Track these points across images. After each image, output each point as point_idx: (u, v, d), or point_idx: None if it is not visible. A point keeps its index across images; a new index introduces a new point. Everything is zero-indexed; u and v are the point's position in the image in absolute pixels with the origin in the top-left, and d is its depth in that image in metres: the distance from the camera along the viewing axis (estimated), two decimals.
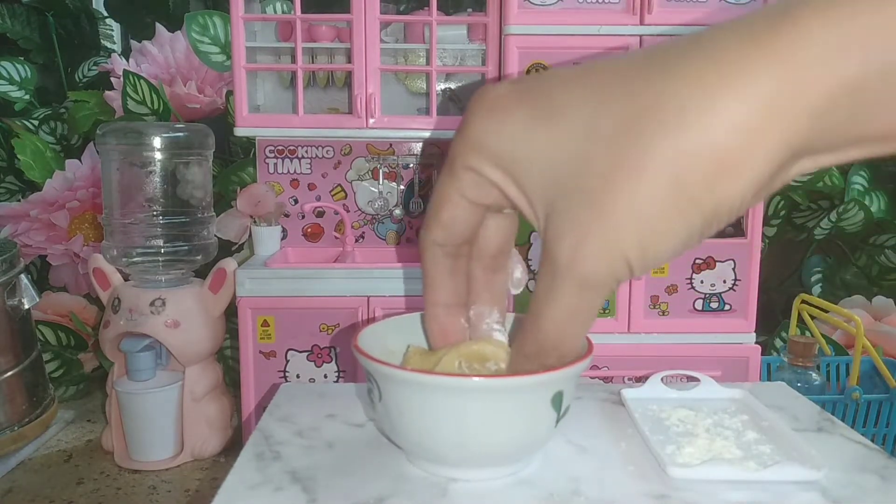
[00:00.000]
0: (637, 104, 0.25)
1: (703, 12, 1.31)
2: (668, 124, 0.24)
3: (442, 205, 0.32)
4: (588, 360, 0.40)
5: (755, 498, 0.41)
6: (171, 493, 1.47)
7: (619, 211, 0.25)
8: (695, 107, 0.23)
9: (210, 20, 1.88)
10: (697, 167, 0.24)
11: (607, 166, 0.25)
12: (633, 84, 0.25)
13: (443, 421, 0.39)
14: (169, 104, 1.91)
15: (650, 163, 0.24)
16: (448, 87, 1.69)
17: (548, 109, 0.27)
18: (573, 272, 0.27)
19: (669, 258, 0.26)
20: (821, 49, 0.22)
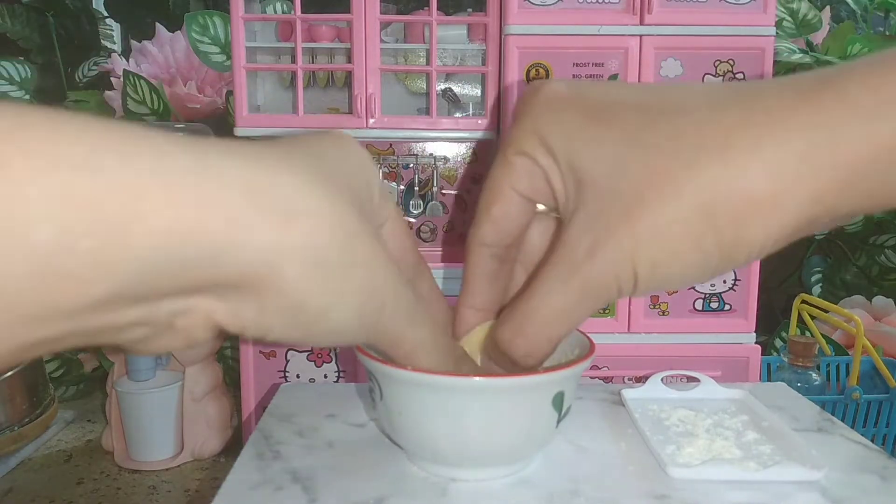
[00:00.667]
0: (683, 126, 0.25)
1: (703, 12, 1.31)
2: (710, 153, 0.24)
3: (493, 200, 0.32)
4: (589, 361, 0.40)
5: (755, 498, 0.41)
6: (171, 493, 1.47)
7: (643, 223, 0.25)
8: (738, 144, 0.24)
9: (210, 20, 1.88)
10: (729, 202, 0.24)
11: (642, 176, 0.25)
12: (684, 105, 0.25)
13: (442, 421, 0.38)
14: (169, 104, 1.91)
15: (684, 185, 0.25)
16: (448, 87, 1.69)
17: (600, 110, 0.27)
18: (582, 270, 0.27)
19: (675, 284, 0.27)
20: (859, 111, 0.22)
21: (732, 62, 1.32)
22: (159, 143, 0.18)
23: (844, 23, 1.98)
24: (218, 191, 0.19)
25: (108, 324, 0.19)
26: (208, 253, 0.19)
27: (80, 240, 0.16)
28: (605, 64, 1.32)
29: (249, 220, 0.19)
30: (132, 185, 0.17)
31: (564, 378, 0.39)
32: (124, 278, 0.17)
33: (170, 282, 0.19)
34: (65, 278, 0.16)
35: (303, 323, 0.22)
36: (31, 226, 0.16)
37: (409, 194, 1.73)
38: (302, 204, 0.21)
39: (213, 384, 1.62)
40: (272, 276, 0.20)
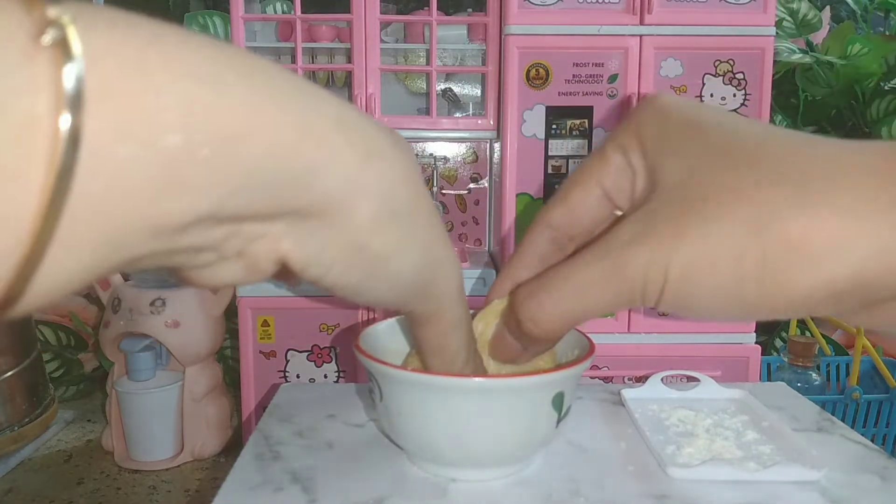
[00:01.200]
0: (766, 155, 0.25)
1: (703, 12, 1.31)
2: (782, 185, 0.24)
3: (574, 186, 0.32)
4: (588, 361, 0.40)
5: (755, 498, 0.41)
6: (171, 493, 1.47)
7: (690, 226, 0.25)
8: (813, 186, 0.23)
9: (210, 20, 1.88)
10: (784, 231, 0.23)
11: (708, 187, 0.25)
12: (774, 139, 0.25)
13: (442, 421, 0.38)
14: None
15: (744, 203, 0.24)
16: (448, 87, 1.69)
17: (697, 125, 0.28)
18: (615, 254, 0.27)
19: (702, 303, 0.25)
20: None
21: (732, 62, 1.32)
22: (268, 68, 0.19)
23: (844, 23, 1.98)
24: (316, 118, 0.20)
25: (196, 243, 0.19)
26: (300, 174, 0.20)
27: (200, 149, 0.17)
28: (605, 64, 1.32)
29: (338, 148, 0.20)
30: (247, 102, 0.18)
31: (564, 378, 0.39)
32: (229, 191, 0.18)
33: (263, 200, 0.19)
34: (184, 187, 0.17)
35: (362, 265, 0.23)
36: (164, 132, 0.16)
37: None
38: (382, 146, 0.22)
39: (213, 384, 1.62)
40: (347, 206, 0.21)
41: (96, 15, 0.16)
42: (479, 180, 1.71)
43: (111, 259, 0.17)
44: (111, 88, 0.15)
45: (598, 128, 1.34)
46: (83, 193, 0.15)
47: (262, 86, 0.19)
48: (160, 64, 0.16)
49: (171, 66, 0.17)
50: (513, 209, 1.36)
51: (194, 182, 0.17)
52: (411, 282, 0.25)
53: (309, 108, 0.20)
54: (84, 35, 0.15)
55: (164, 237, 0.18)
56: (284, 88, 0.19)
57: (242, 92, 0.18)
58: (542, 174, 1.36)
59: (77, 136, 0.15)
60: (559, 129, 1.35)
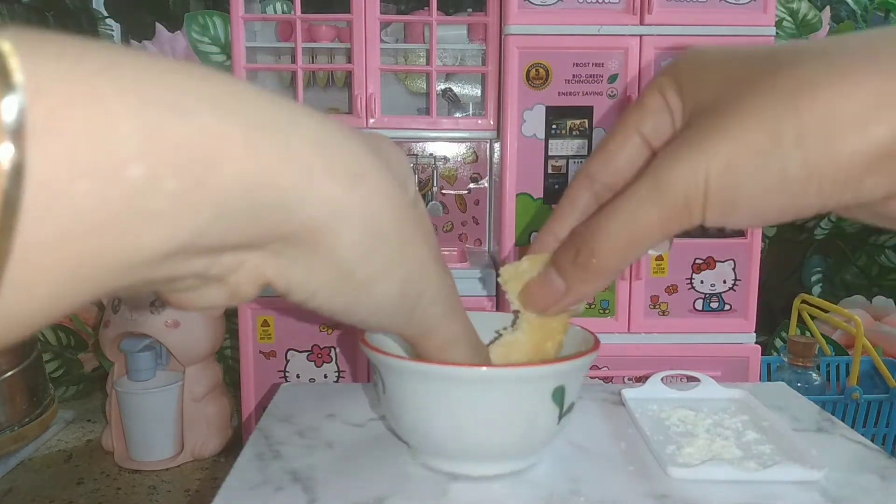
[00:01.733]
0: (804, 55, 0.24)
1: (703, 12, 1.31)
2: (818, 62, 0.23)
3: (614, 135, 0.32)
4: (591, 356, 0.40)
5: (755, 498, 0.41)
6: (171, 493, 1.47)
7: (724, 128, 0.25)
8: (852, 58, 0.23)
9: (210, 20, 1.88)
10: (823, 102, 0.23)
11: (743, 91, 0.25)
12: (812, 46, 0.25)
13: (442, 412, 0.39)
14: None
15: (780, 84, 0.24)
16: (448, 87, 1.69)
17: (731, 53, 0.27)
18: (657, 176, 0.26)
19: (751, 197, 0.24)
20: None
21: None
22: (241, 91, 0.18)
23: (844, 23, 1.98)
24: (292, 141, 0.19)
25: (174, 272, 0.19)
26: (278, 202, 0.19)
27: (167, 180, 0.16)
28: (605, 64, 1.32)
29: (317, 173, 0.19)
30: (216, 129, 0.17)
31: (564, 372, 0.38)
32: (203, 223, 0.17)
33: (241, 230, 0.19)
34: (152, 220, 0.16)
35: (347, 291, 0.22)
36: (125, 163, 0.15)
37: None
38: (366, 168, 0.21)
39: (213, 384, 1.62)
40: (330, 234, 0.21)
41: (44, 43, 0.15)
42: (479, 180, 1.71)
43: (78, 295, 0.16)
44: (60, 120, 0.15)
45: (598, 128, 1.34)
46: (36, 232, 0.14)
47: (231, 110, 0.18)
48: (116, 92, 0.15)
49: (129, 94, 0.16)
50: (513, 209, 1.36)
51: (164, 215, 0.16)
52: (397, 305, 0.25)
53: (284, 130, 0.19)
54: (28, 64, 0.14)
55: (136, 271, 0.17)
56: (257, 111, 0.18)
57: (209, 117, 0.17)
58: (542, 174, 1.36)
59: (20, 171, 0.14)
60: (559, 129, 1.35)
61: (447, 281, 0.27)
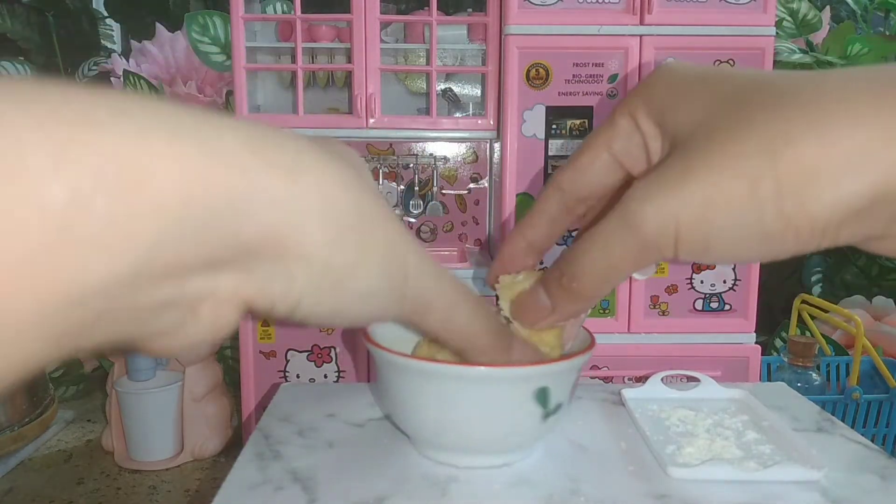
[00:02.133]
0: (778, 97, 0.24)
1: (703, 12, 1.31)
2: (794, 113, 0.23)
3: (584, 150, 0.32)
4: (574, 361, 0.39)
5: (755, 498, 0.41)
6: (171, 493, 1.47)
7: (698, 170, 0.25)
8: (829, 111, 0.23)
9: (210, 20, 1.88)
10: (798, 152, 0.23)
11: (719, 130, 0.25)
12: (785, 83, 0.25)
13: (429, 405, 0.40)
14: None
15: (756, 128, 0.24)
16: (448, 87, 1.69)
17: (706, 79, 0.28)
18: (631, 214, 0.26)
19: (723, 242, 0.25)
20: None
21: (732, 62, 1.32)
22: (156, 104, 0.17)
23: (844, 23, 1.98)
24: (220, 143, 0.18)
25: (138, 304, 0.17)
26: (222, 208, 0.17)
27: (94, 198, 0.15)
28: (605, 64, 1.32)
29: (254, 171, 0.18)
30: (134, 139, 0.16)
31: (544, 373, 0.39)
32: (149, 242, 0.16)
33: (195, 246, 0.17)
34: (87, 245, 0.15)
35: (331, 287, 0.21)
36: (41, 185, 0.14)
37: (409, 194, 1.73)
38: (306, 158, 0.20)
39: (213, 384, 1.62)
40: (292, 234, 0.19)
41: None
42: (479, 180, 1.71)
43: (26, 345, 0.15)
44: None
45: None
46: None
47: (150, 119, 0.16)
48: (17, 113, 0.14)
49: (32, 114, 0.14)
50: (513, 209, 1.36)
51: (101, 238, 0.15)
52: (385, 288, 0.23)
53: (211, 135, 0.18)
54: None
55: (87, 303, 0.15)
56: (178, 120, 0.17)
57: (127, 128, 0.16)
58: (542, 174, 1.36)
59: None
60: (559, 129, 1.35)
61: (425, 251, 0.26)
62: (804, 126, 0.23)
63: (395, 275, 0.24)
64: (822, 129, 0.23)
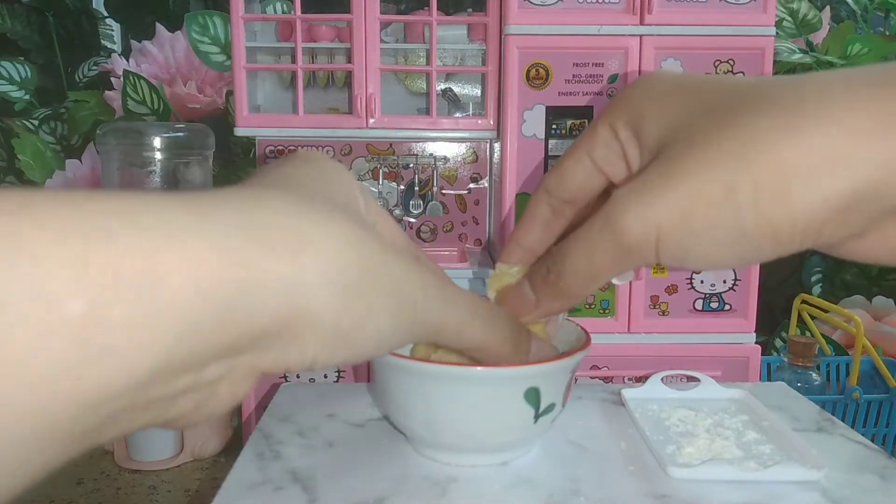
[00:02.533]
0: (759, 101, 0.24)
1: (703, 12, 1.31)
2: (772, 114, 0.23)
3: (567, 156, 0.33)
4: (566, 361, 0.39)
5: (755, 498, 0.41)
6: (171, 493, 1.47)
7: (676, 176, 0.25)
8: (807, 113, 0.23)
9: (210, 20, 1.88)
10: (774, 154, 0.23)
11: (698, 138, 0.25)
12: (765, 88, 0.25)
13: (417, 404, 0.41)
14: (169, 104, 1.91)
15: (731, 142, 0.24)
16: (448, 87, 1.69)
17: (679, 86, 0.28)
18: (613, 221, 0.27)
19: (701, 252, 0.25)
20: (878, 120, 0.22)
21: (732, 62, 1.32)
22: (153, 202, 0.18)
23: (844, 23, 1.98)
24: (224, 239, 0.18)
25: (157, 396, 0.18)
26: (233, 302, 0.18)
27: (112, 309, 0.15)
28: (605, 64, 1.32)
29: (259, 259, 0.19)
30: (144, 247, 0.16)
31: (534, 374, 0.38)
32: (165, 346, 0.16)
33: (213, 340, 0.18)
34: (108, 354, 0.15)
35: (343, 345, 0.22)
36: (61, 301, 0.14)
37: (409, 194, 1.73)
38: (305, 233, 0.20)
39: None
40: (302, 311, 0.20)
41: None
42: (479, 180, 1.71)
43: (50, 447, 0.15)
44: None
45: None
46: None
47: (156, 226, 0.17)
48: (33, 230, 0.15)
49: (47, 229, 0.15)
50: (513, 209, 1.36)
51: (120, 346, 0.15)
52: (395, 327, 0.24)
53: (213, 231, 0.18)
54: None
55: (110, 404, 0.16)
56: (182, 217, 0.18)
57: (137, 237, 0.16)
58: (542, 174, 1.36)
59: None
60: (559, 129, 1.35)
61: (428, 269, 0.26)
62: (782, 128, 0.23)
63: (404, 312, 0.24)
64: (800, 130, 0.23)
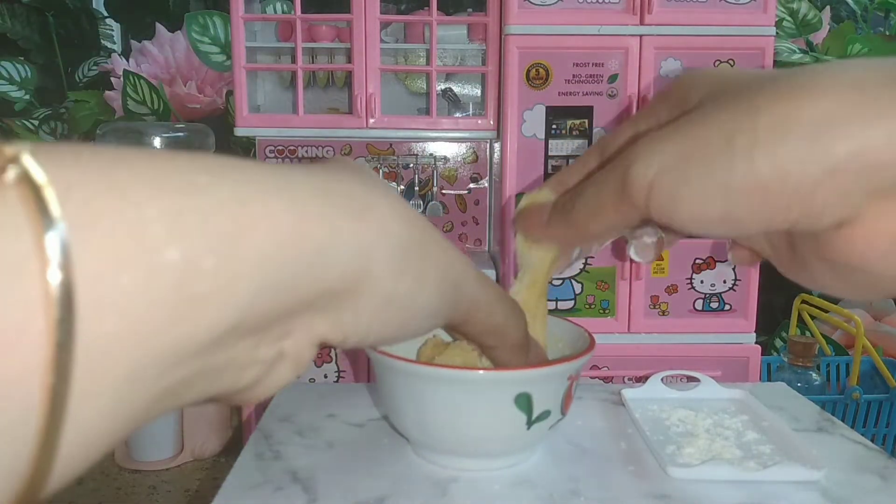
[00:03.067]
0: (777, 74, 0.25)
1: (703, 12, 1.31)
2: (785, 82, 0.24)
3: (633, 116, 0.34)
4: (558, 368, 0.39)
5: (755, 498, 0.41)
6: (171, 493, 1.47)
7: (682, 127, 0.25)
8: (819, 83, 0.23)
9: (210, 20, 1.88)
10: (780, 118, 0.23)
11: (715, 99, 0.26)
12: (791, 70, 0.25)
13: (409, 405, 0.41)
14: (169, 104, 1.91)
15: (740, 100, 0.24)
16: (448, 87, 1.69)
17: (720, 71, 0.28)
18: (624, 158, 0.27)
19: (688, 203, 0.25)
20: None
21: (732, 62, 1.32)
22: (236, 163, 0.19)
23: (844, 23, 1.98)
24: (303, 198, 0.19)
25: (232, 358, 0.19)
26: (311, 257, 0.19)
27: (204, 258, 0.16)
28: (605, 64, 1.32)
29: (334, 219, 0.20)
30: (232, 200, 0.17)
31: (524, 379, 0.38)
32: (247, 297, 0.17)
33: (287, 295, 0.19)
34: (198, 303, 0.16)
35: (396, 314, 0.23)
36: (160, 248, 0.15)
37: (409, 194, 1.73)
38: (368, 199, 0.22)
39: None
40: (365, 272, 0.21)
41: (53, 147, 0.15)
42: (479, 180, 1.71)
43: (138, 401, 0.16)
44: (91, 213, 0.14)
45: (598, 128, 1.34)
46: (92, 334, 0.14)
47: (240, 179, 0.18)
48: (135, 182, 0.16)
49: (145, 182, 0.16)
50: (513, 209, 1.36)
51: (210, 294, 0.16)
52: (443, 303, 0.25)
53: (289, 189, 0.19)
54: (48, 166, 0.14)
55: (194, 359, 0.17)
56: (261, 177, 0.19)
57: (224, 190, 0.17)
58: (542, 174, 1.36)
59: (70, 275, 0.14)
60: (559, 129, 1.35)
61: (465, 257, 0.28)
62: (797, 90, 0.23)
63: (449, 290, 0.25)
64: (809, 88, 0.23)
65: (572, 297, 1.39)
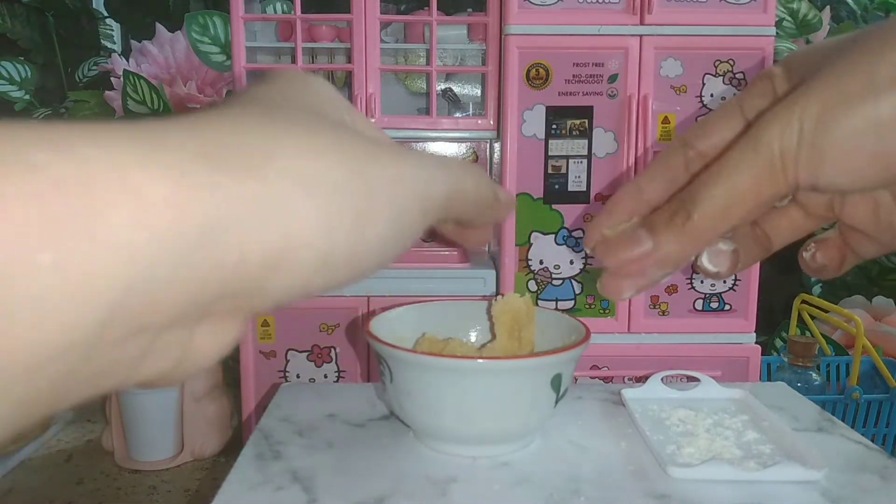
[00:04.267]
0: None
1: (703, 12, 1.31)
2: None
3: (717, 111, 0.32)
4: (583, 346, 0.43)
5: (755, 498, 0.41)
6: (171, 493, 1.47)
7: (822, 76, 0.25)
8: None
9: (210, 20, 1.88)
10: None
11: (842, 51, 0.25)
12: None
13: (449, 401, 0.41)
14: (169, 104, 1.91)
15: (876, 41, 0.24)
16: (448, 87, 1.69)
17: (839, 40, 0.28)
18: (755, 130, 0.26)
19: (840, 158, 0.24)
20: None
21: (732, 62, 1.32)
22: (87, 131, 0.15)
23: (844, 23, 1.98)
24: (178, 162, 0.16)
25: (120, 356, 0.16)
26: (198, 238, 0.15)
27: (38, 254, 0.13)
28: (605, 64, 1.32)
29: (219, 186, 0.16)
30: (76, 179, 0.14)
31: (562, 361, 0.42)
32: (112, 294, 0.14)
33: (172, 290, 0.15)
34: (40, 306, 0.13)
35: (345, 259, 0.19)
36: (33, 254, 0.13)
37: None
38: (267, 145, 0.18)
39: (213, 384, 1.62)
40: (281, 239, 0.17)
41: None
42: None
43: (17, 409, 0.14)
44: None
45: (598, 128, 1.34)
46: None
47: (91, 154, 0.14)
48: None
49: None
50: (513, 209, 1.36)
51: (53, 297, 0.13)
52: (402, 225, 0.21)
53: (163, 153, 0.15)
54: None
55: (55, 363, 0.14)
56: (125, 143, 0.15)
57: (67, 167, 0.14)
58: (542, 174, 1.36)
59: None
60: (559, 129, 1.35)
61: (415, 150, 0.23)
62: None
63: (409, 198, 0.21)
64: None
65: (572, 297, 1.39)
